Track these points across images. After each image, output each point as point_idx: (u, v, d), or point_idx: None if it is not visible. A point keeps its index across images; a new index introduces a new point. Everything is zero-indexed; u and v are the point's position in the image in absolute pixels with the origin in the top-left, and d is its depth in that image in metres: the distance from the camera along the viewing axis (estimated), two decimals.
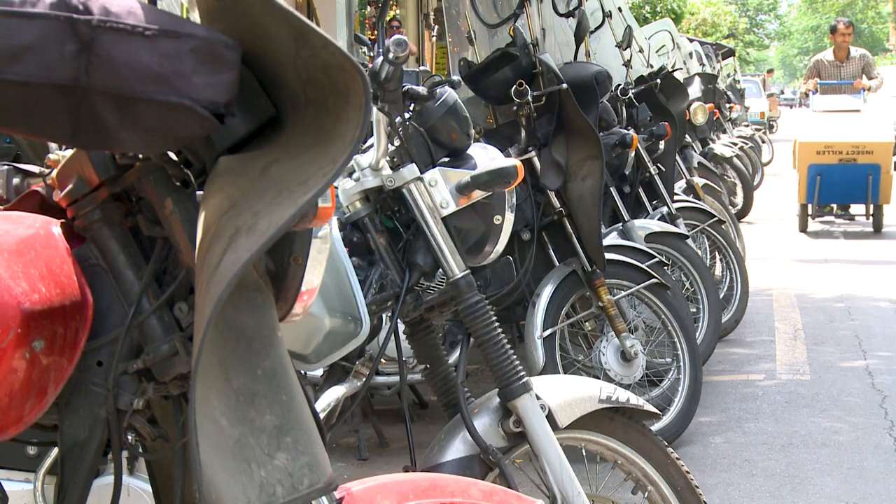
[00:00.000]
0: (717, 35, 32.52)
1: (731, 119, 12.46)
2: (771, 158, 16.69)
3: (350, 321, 2.11)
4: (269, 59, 1.05)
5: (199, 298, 1.01)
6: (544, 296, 3.69)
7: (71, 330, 1.20)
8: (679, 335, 3.98)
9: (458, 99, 2.42)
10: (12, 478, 1.61)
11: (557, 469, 2.13)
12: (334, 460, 3.77)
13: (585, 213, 3.66)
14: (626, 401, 2.25)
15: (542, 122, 3.74)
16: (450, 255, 2.26)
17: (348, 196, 2.35)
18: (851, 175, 9.25)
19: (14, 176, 2.05)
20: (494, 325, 2.26)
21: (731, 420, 4.35)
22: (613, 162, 4.73)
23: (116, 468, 1.31)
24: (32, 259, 1.19)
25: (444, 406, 2.34)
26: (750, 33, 50.69)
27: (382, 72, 2.16)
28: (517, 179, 2.19)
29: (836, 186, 9.39)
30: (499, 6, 4.94)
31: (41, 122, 1.03)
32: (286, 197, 0.97)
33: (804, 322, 6.16)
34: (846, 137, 9.25)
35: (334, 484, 1.15)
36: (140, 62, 0.99)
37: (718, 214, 5.74)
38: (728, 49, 16.39)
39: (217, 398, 1.07)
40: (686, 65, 9.42)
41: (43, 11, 0.97)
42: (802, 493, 3.52)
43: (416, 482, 1.45)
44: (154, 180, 1.21)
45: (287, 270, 1.20)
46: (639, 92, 5.38)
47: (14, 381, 1.13)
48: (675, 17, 25.34)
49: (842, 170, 9.26)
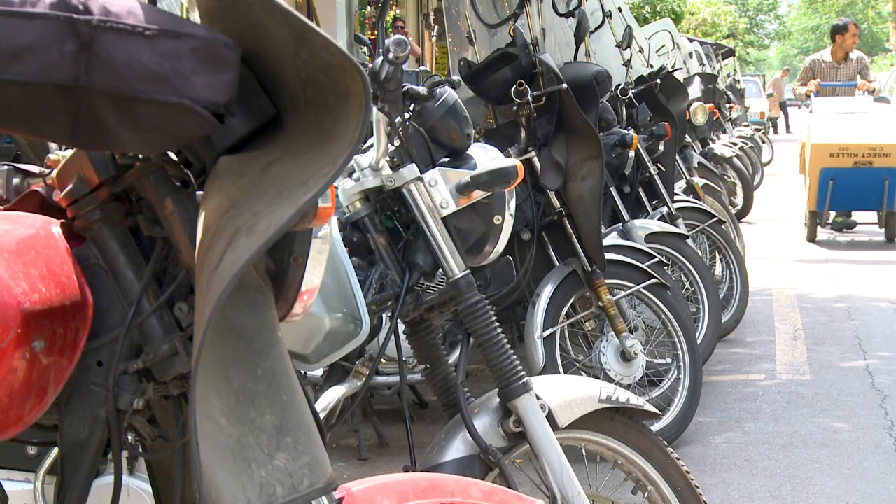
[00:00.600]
0: (717, 35, 32.54)
1: (731, 119, 12.47)
2: (771, 158, 16.69)
3: (350, 321, 2.11)
4: (269, 59, 1.05)
5: (199, 298, 1.01)
6: (544, 296, 3.70)
7: (71, 330, 1.20)
8: (679, 335, 3.98)
9: (458, 99, 2.42)
10: (12, 478, 1.62)
11: (557, 469, 2.13)
12: (334, 460, 3.77)
13: (585, 213, 3.66)
14: (626, 401, 2.25)
15: (542, 122, 3.74)
16: (450, 255, 2.27)
17: (348, 196, 2.35)
18: (866, 179, 8.55)
19: (14, 176, 2.05)
20: (494, 325, 2.26)
21: (731, 420, 4.35)
22: (613, 162, 4.73)
23: (116, 468, 1.31)
24: (32, 259, 1.19)
25: (444, 406, 2.34)
26: (750, 33, 50.69)
27: (382, 72, 2.16)
28: (517, 179, 2.20)
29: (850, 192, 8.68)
30: (499, 6, 4.94)
31: (41, 122, 1.03)
32: (286, 197, 0.97)
33: (804, 322, 6.16)
34: (862, 139, 8.52)
35: (334, 484, 1.15)
36: (140, 62, 0.99)
37: (718, 214, 5.74)
38: (728, 49, 16.39)
39: (217, 398, 1.07)
40: (686, 65, 9.42)
41: (43, 11, 0.97)
42: (802, 493, 3.52)
43: (416, 482, 1.45)
44: (154, 180, 1.21)
45: (287, 270, 1.20)
46: (639, 92, 5.38)
47: (14, 381, 1.13)
48: (675, 17, 25.34)
49: (856, 174, 8.53)
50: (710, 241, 5.69)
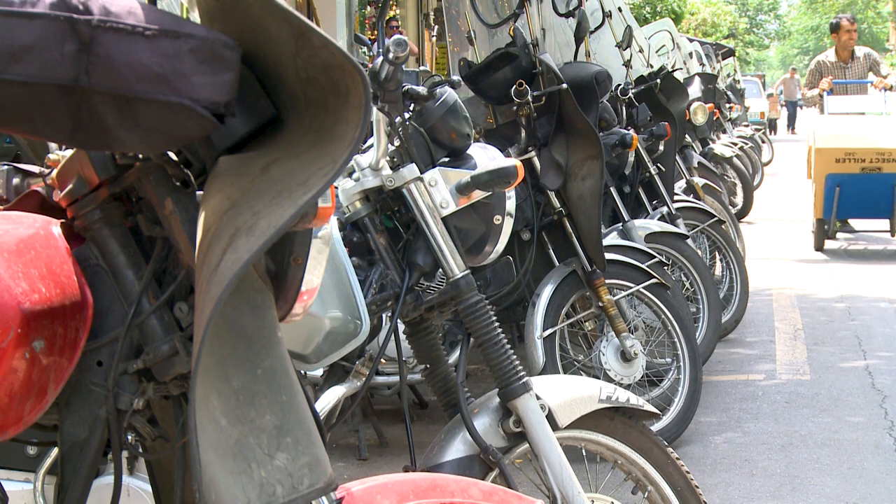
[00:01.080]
0: (717, 35, 32.53)
1: (731, 119, 12.47)
2: (771, 158, 16.70)
3: (350, 321, 2.11)
4: (269, 59, 1.05)
5: (199, 298, 1.01)
6: (544, 296, 3.70)
7: (71, 330, 1.20)
8: (679, 335, 3.98)
9: (458, 99, 2.42)
10: (12, 478, 1.62)
11: (557, 469, 2.13)
12: (334, 460, 3.77)
13: (585, 213, 3.66)
14: (626, 401, 2.25)
15: (542, 122, 3.74)
16: (450, 255, 2.27)
17: (348, 196, 2.35)
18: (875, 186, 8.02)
19: (14, 176, 2.05)
20: (494, 325, 2.26)
21: (731, 420, 4.35)
22: (613, 162, 4.73)
23: (116, 468, 1.31)
24: (32, 259, 1.19)
25: (444, 406, 2.34)
26: (750, 33, 50.66)
27: (382, 72, 2.16)
28: (517, 179, 2.19)
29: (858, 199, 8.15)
30: (499, 6, 4.94)
31: (41, 122, 1.03)
32: (286, 197, 0.97)
33: (804, 322, 6.16)
34: (869, 143, 8.01)
35: (334, 484, 1.15)
36: (140, 62, 0.99)
37: (718, 214, 5.74)
38: (728, 49, 16.39)
39: (217, 398, 1.07)
40: (686, 65, 9.42)
41: (43, 11, 0.97)
42: (802, 493, 3.52)
43: (416, 482, 1.45)
44: (154, 180, 1.21)
45: (287, 270, 1.20)
46: (639, 92, 5.38)
47: (14, 381, 1.13)
48: (675, 17, 25.33)
49: (864, 180, 8.00)
50: (710, 241, 5.69)
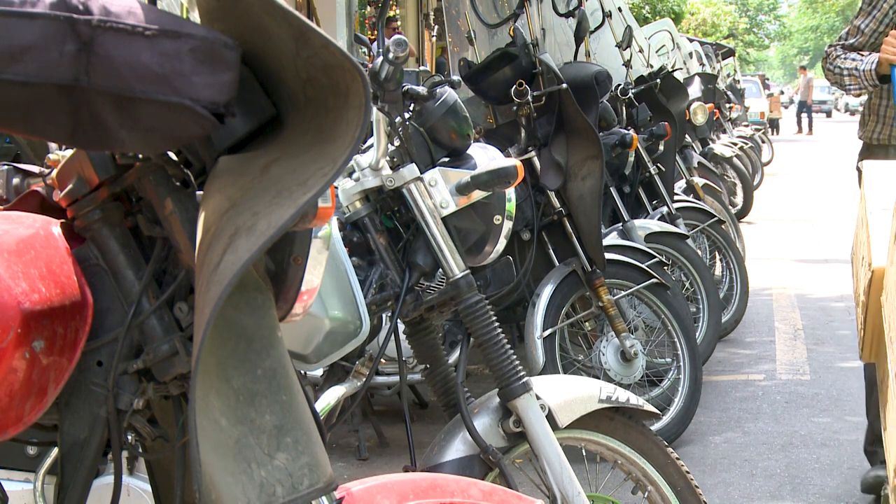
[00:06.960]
0: (717, 35, 32.52)
1: (731, 119, 12.47)
2: (771, 158, 16.69)
3: (350, 321, 2.11)
4: (269, 59, 1.05)
5: (199, 298, 1.01)
6: (544, 296, 3.70)
7: (71, 330, 1.20)
8: (679, 335, 3.98)
9: (458, 99, 2.42)
10: (12, 478, 1.62)
11: (557, 469, 2.13)
12: (334, 460, 3.77)
13: (585, 213, 3.66)
14: (626, 401, 2.25)
15: (542, 122, 3.74)
16: (450, 255, 2.27)
17: (348, 196, 2.35)
18: None
19: (14, 176, 2.05)
20: (494, 325, 2.26)
21: (731, 420, 4.35)
22: (613, 162, 4.74)
23: (116, 468, 1.31)
24: (32, 259, 1.19)
25: (444, 406, 2.34)
26: (750, 33, 50.62)
27: (382, 72, 2.16)
28: (517, 179, 2.20)
29: None
30: (499, 6, 4.95)
31: (41, 122, 1.03)
32: (286, 197, 0.97)
33: (804, 322, 6.16)
34: None
35: (334, 484, 1.15)
36: (140, 62, 0.99)
37: (718, 214, 5.74)
38: (728, 49, 16.40)
39: (217, 398, 1.07)
40: (686, 65, 9.42)
41: (43, 11, 0.97)
42: (802, 493, 3.52)
43: (416, 482, 1.45)
44: (154, 180, 1.21)
45: (287, 270, 1.20)
46: (639, 92, 5.38)
47: (14, 381, 1.13)
48: (675, 17, 25.32)
49: None
50: (710, 241, 5.69)
